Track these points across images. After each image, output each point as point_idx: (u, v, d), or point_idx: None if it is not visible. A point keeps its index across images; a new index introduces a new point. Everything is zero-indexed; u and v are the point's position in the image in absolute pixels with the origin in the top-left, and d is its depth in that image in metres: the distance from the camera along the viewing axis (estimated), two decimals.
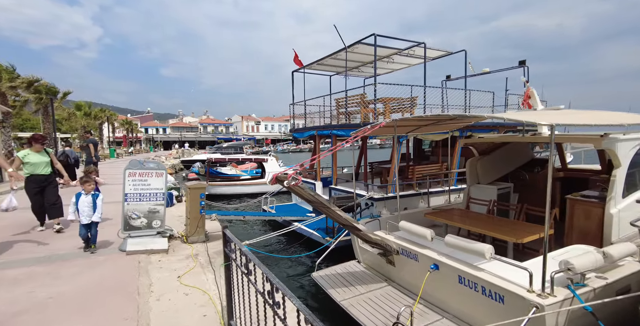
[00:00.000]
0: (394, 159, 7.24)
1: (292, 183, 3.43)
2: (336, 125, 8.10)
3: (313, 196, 3.69)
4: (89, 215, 4.23)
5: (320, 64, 9.17)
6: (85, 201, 4.26)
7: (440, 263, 3.66)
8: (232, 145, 27.03)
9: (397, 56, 8.50)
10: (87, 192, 4.32)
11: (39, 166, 5.13)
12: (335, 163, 8.27)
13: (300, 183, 3.46)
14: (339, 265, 5.30)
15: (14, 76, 16.79)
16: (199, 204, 4.91)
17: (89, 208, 4.26)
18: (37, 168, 5.10)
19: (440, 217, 4.95)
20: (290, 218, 7.87)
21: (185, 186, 5.00)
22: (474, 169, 6.19)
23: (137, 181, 4.46)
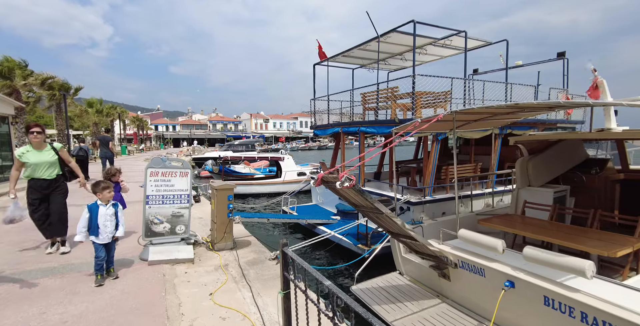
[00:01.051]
0: (431, 158, 6.63)
1: (346, 185, 2.88)
2: (366, 121, 7.52)
3: (367, 199, 3.13)
4: (111, 232, 3.34)
5: (346, 55, 8.58)
6: (107, 215, 3.32)
7: (517, 280, 3.07)
8: (243, 142, 26.62)
9: (431, 46, 7.86)
10: (106, 202, 3.39)
11: (41, 167, 3.86)
12: (363, 161, 7.70)
13: (355, 184, 2.91)
14: (380, 278, 4.74)
15: (27, 72, 16.62)
16: (227, 208, 4.40)
17: (112, 222, 3.36)
18: (37, 169, 3.84)
19: (498, 224, 4.35)
20: (315, 221, 7.34)
21: (211, 187, 4.49)
22: (525, 170, 5.55)
23: (160, 181, 3.97)
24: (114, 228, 3.39)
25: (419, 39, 7.27)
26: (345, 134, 8.42)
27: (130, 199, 7.89)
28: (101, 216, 3.30)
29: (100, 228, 3.28)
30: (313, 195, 9.91)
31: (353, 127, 7.87)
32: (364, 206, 3.45)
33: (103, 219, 3.30)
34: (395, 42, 7.58)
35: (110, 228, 3.34)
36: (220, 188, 4.35)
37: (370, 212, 3.49)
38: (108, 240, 3.32)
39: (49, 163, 3.92)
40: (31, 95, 20.21)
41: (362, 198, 3.18)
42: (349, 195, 3.37)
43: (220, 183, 4.42)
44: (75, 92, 22.98)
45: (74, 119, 33.45)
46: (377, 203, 3.17)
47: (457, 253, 3.72)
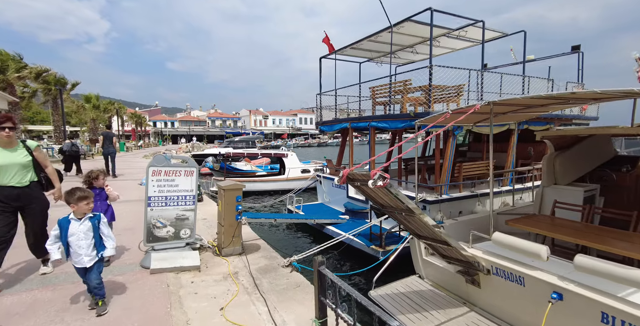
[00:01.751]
0: (447, 154, 6.28)
1: (380, 184, 2.53)
2: (377, 116, 7.14)
3: (399, 199, 2.77)
4: (88, 255, 2.57)
5: (355, 48, 8.18)
6: (80, 232, 2.54)
7: (567, 292, 2.75)
8: (243, 139, 26.17)
9: (444, 38, 7.46)
10: (80, 215, 2.59)
11: (8, 171, 2.94)
12: (373, 159, 7.34)
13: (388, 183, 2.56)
14: (399, 282, 4.42)
15: (21, 65, 16.12)
16: (235, 209, 4.05)
17: (87, 241, 2.56)
18: (4, 174, 2.92)
19: (529, 225, 4.02)
20: (323, 221, 7.00)
21: (218, 186, 4.13)
22: (551, 167, 5.22)
23: (163, 181, 3.61)
24: (93, 248, 2.60)
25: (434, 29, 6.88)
26: (353, 129, 8.05)
27: (129, 198, 7.61)
28: (73, 233, 2.52)
29: (73, 249, 2.53)
30: (319, 193, 9.57)
31: (363, 123, 7.50)
32: (392, 207, 3.11)
33: (75, 238, 2.52)
34: (408, 33, 7.19)
35: (85, 248, 2.55)
36: (228, 187, 3.99)
37: (399, 213, 3.15)
38: (87, 264, 2.57)
39: (19, 166, 2.99)
40: (26, 90, 19.71)
41: (392, 198, 2.83)
42: (377, 194, 3.03)
43: (228, 183, 4.06)
44: (72, 88, 22.46)
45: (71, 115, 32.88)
46: (411, 203, 2.83)
47: (490, 259, 3.39)
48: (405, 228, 3.54)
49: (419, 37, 7.51)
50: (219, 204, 4.21)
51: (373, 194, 3.07)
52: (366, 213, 7.46)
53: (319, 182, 9.46)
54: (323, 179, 9.17)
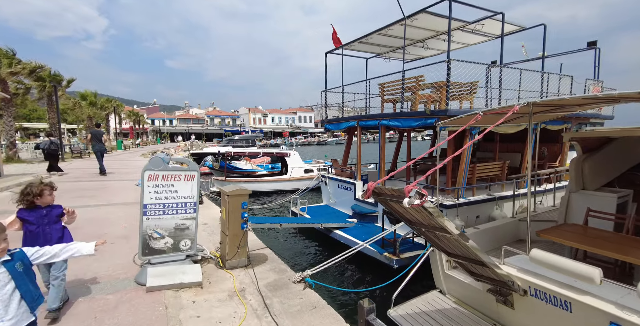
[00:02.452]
0: (464, 155, 5.90)
1: (417, 203, 2.14)
2: (388, 114, 6.75)
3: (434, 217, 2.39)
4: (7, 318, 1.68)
5: (363, 42, 7.76)
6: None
7: (628, 323, 2.38)
8: (243, 138, 25.75)
9: (458, 32, 7.06)
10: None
11: None
12: (383, 159, 6.94)
13: (426, 201, 2.18)
14: (419, 299, 4.04)
15: (14, 61, 15.59)
16: (241, 217, 3.66)
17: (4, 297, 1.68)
18: None
19: (564, 238, 3.64)
20: (330, 225, 6.62)
21: (222, 192, 3.73)
22: (580, 171, 4.84)
23: (160, 186, 3.21)
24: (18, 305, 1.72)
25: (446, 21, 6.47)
26: (361, 128, 7.65)
27: (125, 200, 7.22)
28: None
29: None
30: (324, 195, 9.19)
31: (372, 121, 7.11)
32: (423, 225, 2.73)
33: None
34: (421, 26, 6.79)
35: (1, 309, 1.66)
36: (232, 193, 3.59)
37: (429, 231, 2.77)
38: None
39: None
40: (20, 87, 19.17)
41: (426, 216, 2.45)
42: (405, 210, 2.64)
43: (233, 187, 3.66)
44: (67, 84, 21.91)
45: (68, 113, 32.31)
46: (448, 221, 2.45)
47: (528, 279, 3.01)
48: (432, 244, 3.15)
49: (432, 31, 7.10)
50: (222, 211, 3.81)
51: (401, 210, 2.69)
52: (375, 216, 7.09)
53: (324, 183, 9.08)
54: (328, 180, 8.79)
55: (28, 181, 8.83)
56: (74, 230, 4.96)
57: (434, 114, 5.57)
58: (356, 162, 7.88)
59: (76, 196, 7.56)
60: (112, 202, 7.00)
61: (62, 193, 7.81)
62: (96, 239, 2.52)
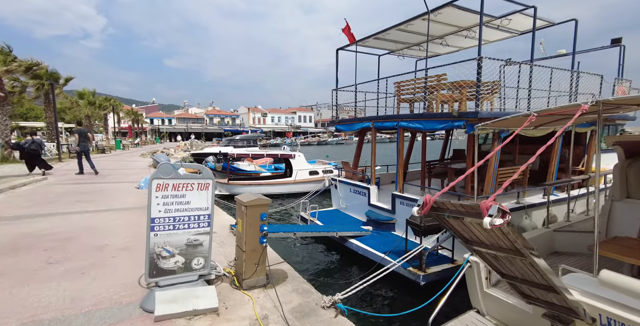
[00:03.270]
0: (492, 160, 5.49)
1: (498, 223, 1.73)
2: (409, 115, 6.33)
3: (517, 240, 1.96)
4: None
5: (378, 38, 7.35)
6: None
7: None
8: (245, 138, 25.28)
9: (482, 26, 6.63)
10: None
11: None
12: (402, 163, 6.51)
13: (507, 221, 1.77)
14: (456, 321, 3.62)
15: (10, 58, 15.09)
16: (260, 230, 3.23)
17: None
18: None
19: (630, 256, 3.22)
20: (346, 234, 6.20)
21: (237, 201, 3.30)
22: (624, 178, 4.44)
23: (171, 197, 2.78)
24: None
25: (472, 16, 6.08)
26: (377, 130, 7.23)
27: (124, 205, 6.53)
28: None
29: None
30: (334, 199, 8.76)
31: (389, 122, 6.69)
32: (486, 245, 2.31)
33: None
34: (444, 21, 6.38)
35: None
36: (251, 203, 3.16)
37: (490, 250, 2.35)
38: None
39: None
40: (17, 85, 18.67)
41: (501, 236, 2.04)
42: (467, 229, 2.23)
43: (250, 197, 3.23)
44: (64, 83, 21.40)
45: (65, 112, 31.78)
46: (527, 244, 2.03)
47: (600, 306, 2.60)
48: (488, 263, 2.73)
49: (453, 27, 6.70)
50: (238, 223, 3.38)
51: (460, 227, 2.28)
52: (392, 223, 6.67)
53: (334, 186, 8.65)
54: (339, 183, 8.36)
55: (22, 183, 8.12)
56: (71, 240, 4.54)
57: (462, 116, 5.15)
58: (370, 164, 7.45)
59: (74, 200, 7.11)
60: (112, 207, 6.55)
61: (60, 197, 7.36)
62: (94, 251, 2.10)
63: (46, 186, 8.84)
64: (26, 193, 7.83)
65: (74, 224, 5.22)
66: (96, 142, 25.51)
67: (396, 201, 6.52)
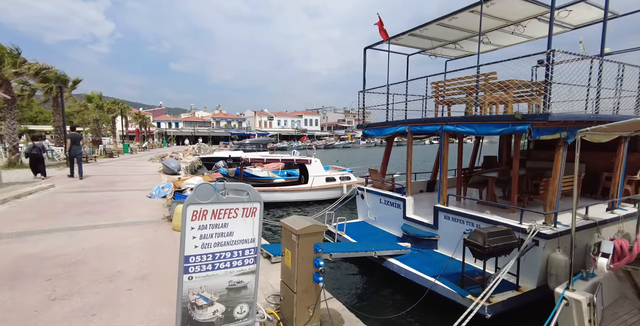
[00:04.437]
0: (557, 168, 4.77)
1: None
2: (457, 118, 5.65)
3: None
4: None
5: (413, 34, 6.70)
6: None
7: None
8: (254, 142, 24.77)
9: (533, 21, 5.96)
10: None
11: None
12: (445, 172, 5.79)
13: None
14: None
15: (19, 60, 14.73)
16: (314, 265, 2.56)
17: None
18: None
19: None
20: (385, 253, 5.49)
21: (284, 227, 2.64)
22: None
23: (210, 228, 2.13)
24: None
25: (530, 7, 5.39)
26: (412, 134, 6.54)
27: (136, 218, 5.70)
28: None
29: None
30: (360, 209, 8.06)
31: (430, 126, 6.00)
32: None
33: None
34: (494, 14, 5.72)
35: None
36: (304, 231, 2.50)
37: None
38: None
39: None
40: (26, 88, 18.37)
41: None
42: None
43: (301, 221, 2.56)
44: (73, 86, 21.09)
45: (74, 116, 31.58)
46: None
47: None
48: None
49: (502, 21, 6.01)
50: (286, 255, 2.71)
51: None
52: (434, 240, 5.96)
53: (361, 196, 7.96)
54: (367, 193, 7.67)
55: (27, 192, 7.45)
56: (79, 265, 3.91)
57: (526, 119, 4.45)
58: (405, 172, 6.75)
59: (82, 211, 6.51)
60: (123, 221, 5.93)
61: (68, 208, 6.77)
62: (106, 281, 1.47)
63: (52, 194, 8.28)
64: (31, 203, 7.26)
65: (82, 243, 4.61)
66: (104, 146, 25.17)
67: (439, 215, 5.81)
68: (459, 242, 5.22)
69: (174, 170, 13.27)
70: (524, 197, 6.43)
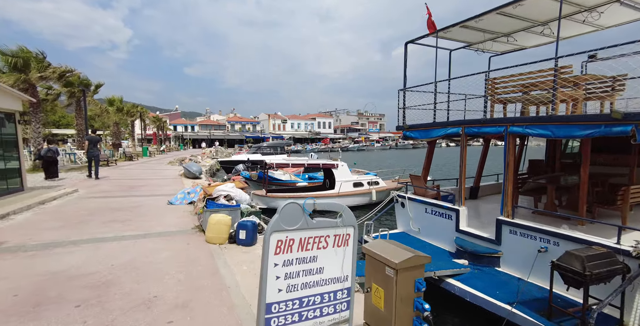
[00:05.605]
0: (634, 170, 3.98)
1: None
2: (529, 118, 4.92)
3: None
4: None
5: (465, 26, 6.03)
6: None
7: None
8: (272, 145, 24.39)
9: (614, 5, 5.19)
10: None
11: None
12: (511, 180, 5.06)
13: None
14: None
15: (44, 64, 14.84)
16: (416, 308, 1.95)
17: None
18: None
19: None
20: (445, 273, 4.82)
21: (376, 257, 2.03)
22: None
23: (296, 263, 1.56)
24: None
25: None
26: (467, 136, 5.86)
27: (163, 228, 5.19)
28: None
29: None
30: (400, 219, 7.38)
31: (491, 127, 5.31)
32: None
33: None
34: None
35: None
36: (403, 265, 1.90)
37: None
38: None
39: None
40: (50, 92, 18.62)
41: None
42: None
43: (401, 253, 1.95)
44: (95, 90, 21.32)
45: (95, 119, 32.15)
46: None
47: None
48: None
49: (575, 6, 5.28)
50: (374, 292, 2.10)
51: None
52: (496, 258, 5.23)
53: (401, 204, 7.28)
54: (409, 201, 6.99)
55: (52, 197, 7.06)
56: (109, 287, 3.41)
57: (628, 119, 3.71)
58: (459, 179, 6.06)
59: (107, 219, 6.12)
60: (151, 230, 5.49)
61: (92, 215, 6.37)
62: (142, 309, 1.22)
63: (76, 200, 7.98)
64: (55, 209, 6.95)
65: (110, 258, 4.15)
66: (123, 149, 25.34)
67: (503, 228, 5.09)
68: (533, 262, 4.51)
69: (195, 174, 12.94)
70: (594, 207, 5.64)
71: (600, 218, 5.40)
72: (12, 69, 13.82)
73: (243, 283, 3.51)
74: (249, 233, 4.95)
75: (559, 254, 4.27)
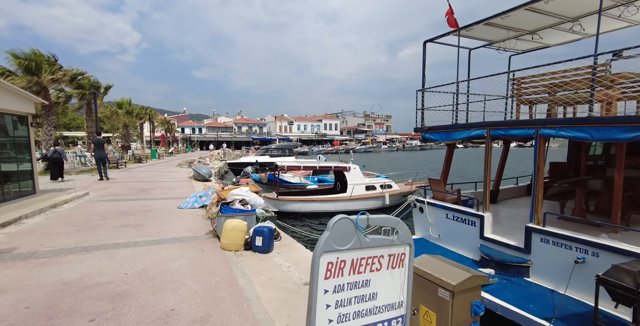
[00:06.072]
0: None
1: None
2: (564, 120, 4.63)
3: None
4: None
5: (489, 23, 5.78)
6: None
7: None
8: (280, 146, 24.23)
9: None
10: None
11: None
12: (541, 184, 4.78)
13: None
14: None
15: (55, 67, 14.95)
16: None
17: None
18: None
19: None
20: None
21: (426, 276, 1.78)
22: None
23: (348, 289, 1.33)
24: None
25: None
26: (493, 138, 5.58)
27: (175, 234, 5.06)
28: None
29: None
30: (419, 225, 7.09)
31: (519, 129, 5.02)
32: None
33: None
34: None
35: None
36: (462, 287, 1.66)
37: None
38: None
39: None
40: (61, 95, 18.79)
41: None
42: None
43: (458, 274, 1.71)
44: (105, 92, 21.48)
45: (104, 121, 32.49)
46: None
47: None
48: None
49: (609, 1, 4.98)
50: (423, 316, 1.86)
51: None
52: (525, 267, 4.93)
53: (419, 209, 7.00)
54: (428, 206, 6.71)
55: (63, 201, 6.93)
56: (124, 299, 3.23)
57: None
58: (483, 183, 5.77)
59: (119, 224, 5.98)
60: (164, 236, 5.31)
61: (104, 220, 6.23)
62: None
63: (88, 203, 7.89)
64: (67, 213, 6.85)
65: (124, 267, 3.98)
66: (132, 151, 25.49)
67: (533, 236, 4.79)
68: (570, 274, 4.21)
69: (205, 176, 12.82)
70: (628, 214, 5.32)
71: (634, 225, 5.07)
72: (24, 72, 13.95)
73: (264, 296, 3.29)
74: (266, 240, 4.74)
75: (597, 266, 3.97)
